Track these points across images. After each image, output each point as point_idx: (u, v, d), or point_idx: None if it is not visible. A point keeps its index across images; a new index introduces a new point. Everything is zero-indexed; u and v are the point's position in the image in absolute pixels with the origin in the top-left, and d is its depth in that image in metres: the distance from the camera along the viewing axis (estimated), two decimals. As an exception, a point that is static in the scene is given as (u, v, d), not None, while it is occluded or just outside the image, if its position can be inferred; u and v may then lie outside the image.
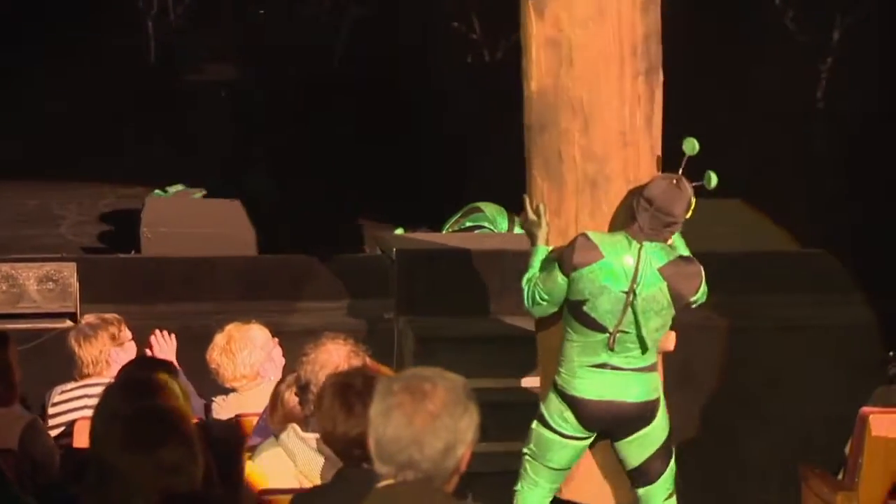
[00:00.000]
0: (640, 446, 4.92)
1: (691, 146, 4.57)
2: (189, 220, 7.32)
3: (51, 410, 4.81)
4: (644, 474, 4.97)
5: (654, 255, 4.62)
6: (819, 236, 7.21)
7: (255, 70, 13.06)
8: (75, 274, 6.44)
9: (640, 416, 4.86)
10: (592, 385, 4.78)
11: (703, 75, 8.73)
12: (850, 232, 7.32)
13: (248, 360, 4.62)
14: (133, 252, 7.19)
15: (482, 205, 7.84)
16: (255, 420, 4.33)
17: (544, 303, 4.76)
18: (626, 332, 4.69)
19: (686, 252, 4.77)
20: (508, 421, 5.93)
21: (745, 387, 6.47)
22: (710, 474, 5.72)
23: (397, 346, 6.42)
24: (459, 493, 2.68)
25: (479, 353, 6.12)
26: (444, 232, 7.75)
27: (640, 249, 4.57)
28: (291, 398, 3.93)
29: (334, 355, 3.73)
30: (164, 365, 4.07)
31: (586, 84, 4.51)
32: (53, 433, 4.65)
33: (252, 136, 11.40)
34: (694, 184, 4.59)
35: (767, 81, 8.76)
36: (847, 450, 4.66)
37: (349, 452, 3.39)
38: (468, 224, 7.79)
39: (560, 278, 4.68)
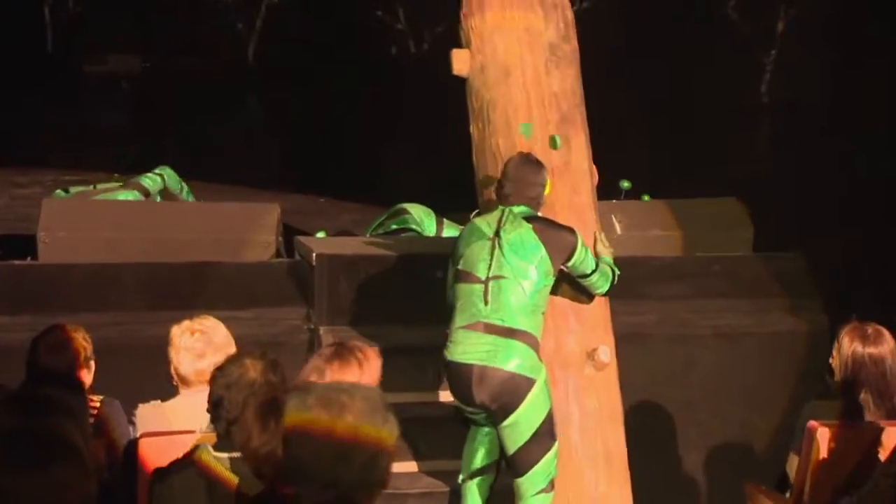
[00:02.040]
0: (512, 432, 5.17)
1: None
2: (91, 222, 7.25)
3: None
4: (515, 464, 5.21)
5: (518, 211, 5.30)
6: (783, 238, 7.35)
7: (160, 61, 13.01)
8: (-35, 282, 6.36)
9: (507, 389, 5.09)
10: (463, 347, 5.25)
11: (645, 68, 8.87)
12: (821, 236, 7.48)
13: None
14: (29, 258, 7.12)
15: (409, 206, 7.86)
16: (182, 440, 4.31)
17: (449, 292, 5.45)
18: (501, 278, 5.19)
19: (615, 270, 5.47)
20: (432, 437, 5.99)
21: (683, 397, 6.58)
22: (647, 490, 5.81)
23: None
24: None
25: (404, 365, 6.15)
26: (367, 235, 7.76)
27: (504, 209, 5.30)
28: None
29: (250, 371, 3.73)
30: (63, 379, 4.04)
31: (500, 134, 5.63)
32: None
33: (158, 130, 11.36)
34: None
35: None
36: (788, 466, 4.75)
37: (266, 470, 3.40)
38: (394, 227, 7.81)
39: (451, 268, 5.42)
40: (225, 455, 3.65)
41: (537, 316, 5.29)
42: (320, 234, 7.32)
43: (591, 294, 5.58)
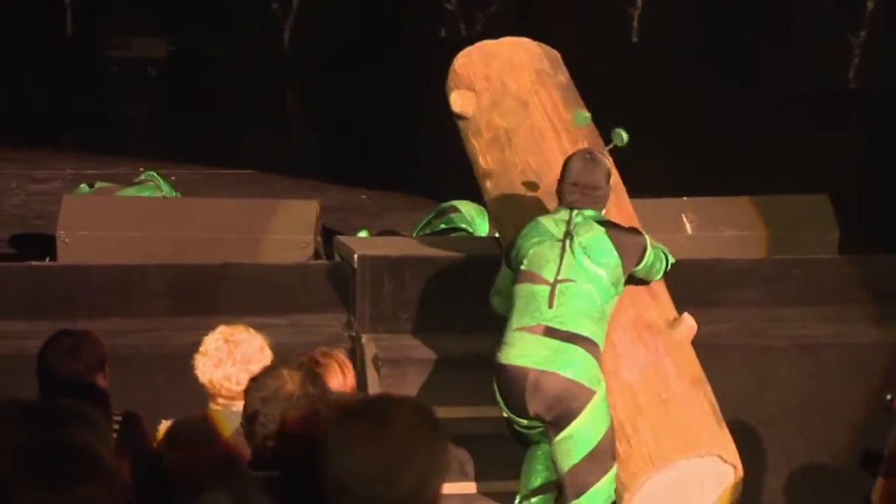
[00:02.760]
0: (566, 447, 5.17)
1: (620, 138, 5.73)
2: (114, 221, 7.29)
3: None
4: (568, 485, 5.21)
5: (589, 214, 5.41)
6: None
7: (188, 46, 13.09)
8: (-21, 285, 6.42)
9: (563, 398, 5.10)
10: (518, 349, 5.27)
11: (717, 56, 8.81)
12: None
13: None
14: (48, 259, 7.17)
15: (459, 203, 7.84)
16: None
17: (494, 297, 5.61)
18: (570, 282, 5.24)
19: (668, 255, 5.57)
20: (487, 456, 5.97)
21: (760, 414, 6.52)
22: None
23: (359, 368, 6.42)
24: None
25: (454, 377, 6.13)
26: (414, 235, 7.76)
27: (571, 211, 5.40)
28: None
29: (288, 383, 3.72)
30: (88, 390, 4.06)
31: (529, 152, 6.10)
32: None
33: (187, 120, 11.43)
34: (608, 147, 5.66)
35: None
36: (875, 491, 4.71)
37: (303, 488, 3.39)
38: (442, 226, 7.80)
39: (504, 270, 5.55)
40: (261, 474, 3.65)
41: (603, 325, 5.32)
42: (362, 234, 7.32)
43: (641, 290, 5.64)
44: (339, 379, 4.57)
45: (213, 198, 8.47)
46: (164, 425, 4.74)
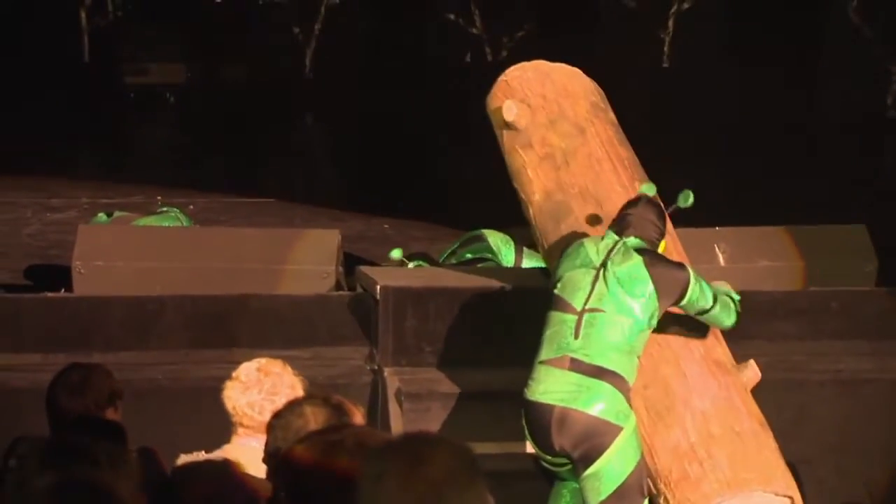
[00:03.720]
0: (593, 484, 5.18)
1: (685, 199, 5.77)
2: (131, 251, 7.31)
3: None
4: None
5: (632, 243, 5.39)
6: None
7: (207, 71, 13.14)
8: (-7, 316, 6.44)
9: (590, 435, 5.09)
10: (544, 385, 5.27)
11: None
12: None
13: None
14: (63, 290, 7.19)
15: (485, 232, 7.84)
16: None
17: None
18: (599, 312, 5.20)
19: (734, 301, 5.56)
20: (510, 493, 5.94)
21: (797, 451, 6.49)
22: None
23: (381, 402, 6.42)
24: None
25: (480, 412, 6.12)
26: (439, 265, 7.74)
27: (616, 239, 5.41)
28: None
29: (311, 420, 3.72)
30: (100, 425, 4.06)
31: (586, 177, 6.16)
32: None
33: (205, 147, 11.46)
34: (672, 208, 5.74)
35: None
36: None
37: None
38: (468, 256, 7.79)
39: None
40: (276, 511, 3.63)
41: (632, 359, 5.30)
42: (395, 254, 7.22)
43: (706, 331, 5.62)
44: (359, 421, 4.55)
45: (232, 227, 8.49)
46: (183, 460, 4.75)
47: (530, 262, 7.61)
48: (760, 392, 6.49)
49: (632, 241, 5.41)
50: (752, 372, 5.79)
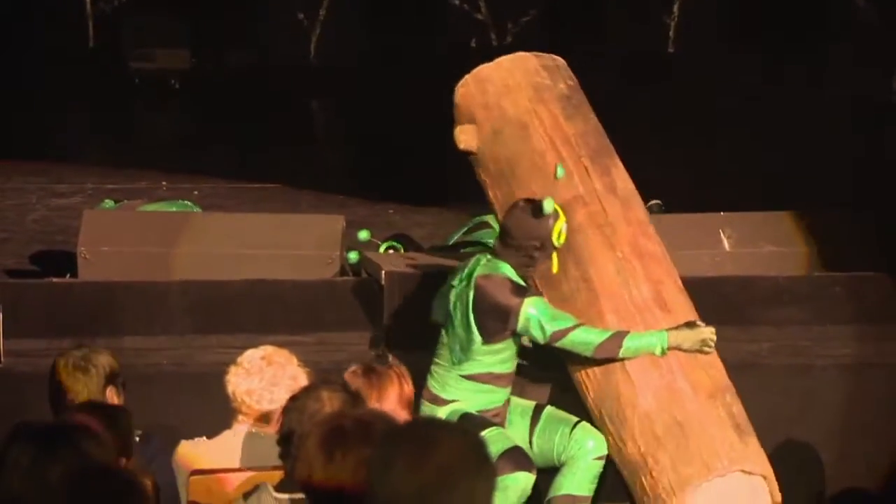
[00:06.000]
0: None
1: (562, 172, 5.82)
2: (136, 236, 7.31)
3: None
4: None
5: (485, 263, 5.63)
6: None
7: (212, 57, 13.14)
8: (-3, 302, 6.44)
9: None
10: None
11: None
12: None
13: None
14: (68, 276, 7.20)
15: (490, 219, 7.82)
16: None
17: None
18: (444, 326, 5.68)
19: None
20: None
21: (802, 436, 6.49)
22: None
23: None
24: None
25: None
26: (446, 245, 7.73)
27: (479, 258, 5.67)
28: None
29: (327, 405, 3.72)
30: (102, 408, 4.07)
31: (533, 181, 5.97)
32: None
33: (210, 133, 11.46)
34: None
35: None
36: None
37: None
38: (474, 241, 7.77)
39: None
40: (286, 496, 3.65)
41: (469, 383, 5.65)
42: (363, 235, 7.15)
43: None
44: (397, 389, 4.60)
45: (237, 212, 8.49)
46: (184, 445, 4.76)
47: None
48: (765, 377, 6.50)
49: (490, 262, 5.61)
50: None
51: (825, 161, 8.88)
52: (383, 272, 6.60)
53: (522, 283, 5.64)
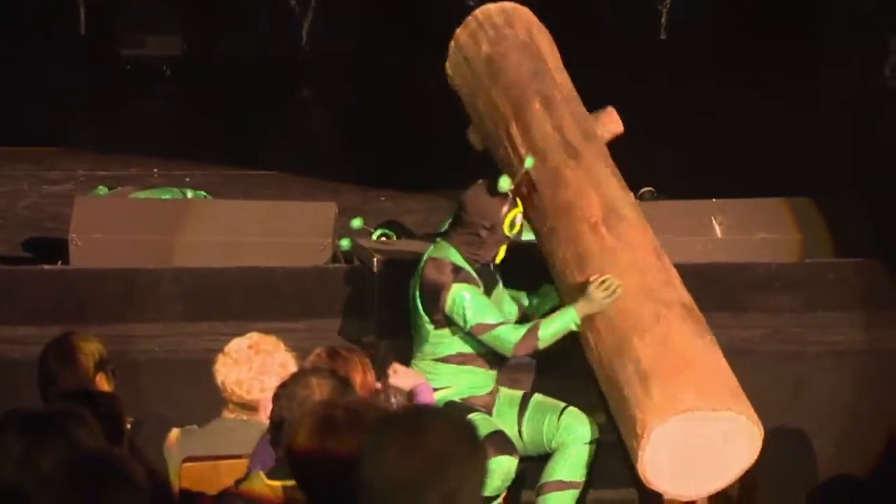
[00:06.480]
0: None
1: (531, 162, 5.87)
2: (128, 223, 7.31)
3: None
4: None
5: (431, 248, 5.82)
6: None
7: (204, 43, 13.12)
8: (-12, 289, 6.44)
9: None
10: None
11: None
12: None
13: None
14: (59, 263, 7.20)
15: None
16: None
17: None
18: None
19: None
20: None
21: (794, 424, 6.50)
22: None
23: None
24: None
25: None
26: (409, 233, 7.73)
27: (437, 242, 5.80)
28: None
29: (316, 391, 3.73)
30: (92, 396, 4.08)
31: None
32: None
33: (203, 120, 11.45)
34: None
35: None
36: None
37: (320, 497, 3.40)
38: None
39: None
40: (278, 483, 3.66)
41: (446, 366, 5.75)
42: (356, 223, 7.09)
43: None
44: (361, 376, 4.60)
45: (229, 199, 8.48)
46: (175, 433, 4.77)
47: (528, 235, 7.60)
48: (758, 363, 6.51)
49: (442, 246, 5.76)
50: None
51: (818, 147, 8.88)
52: (375, 259, 6.61)
53: (467, 266, 5.69)
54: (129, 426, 4.53)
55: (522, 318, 5.92)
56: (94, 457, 3.26)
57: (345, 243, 6.69)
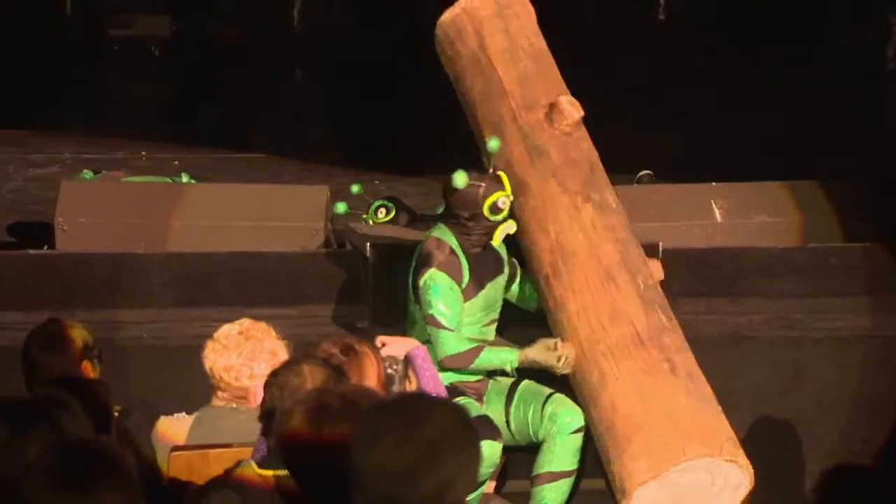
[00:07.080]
0: None
1: (495, 145, 5.96)
2: (115, 207, 7.28)
3: None
4: None
5: (432, 232, 5.90)
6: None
7: (193, 24, 13.08)
8: (-27, 274, 6.42)
9: None
10: None
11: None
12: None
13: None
14: (45, 247, 7.17)
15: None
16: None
17: None
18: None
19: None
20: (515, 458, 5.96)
21: (795, 410, 6.50)
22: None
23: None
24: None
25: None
26: (407, 210, 7.69)
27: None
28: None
29: (308, 380, 3.71)
30: (78, 383, 4.05)
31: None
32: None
33: (192, 102, 11.43)
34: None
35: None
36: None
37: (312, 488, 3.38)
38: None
39: None
40: (270, 473, 3.65)
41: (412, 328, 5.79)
42: (355, 189, 7.02)
43: None
44: (376, 369, 4.57)
45: (220, 183, 8.45)
46: (164, 421, 4.75)
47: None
48: (758, 349, 6.50)
49: (436, 228, 5.83)
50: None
51: (820, 129, 8.87)
52: (368, 245, 6.59)
53: (461, 255, 5.73)
54: (116, 414, 4.51)
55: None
56: (82, 445, 3.24)
57: (340, 207, 6.61)
